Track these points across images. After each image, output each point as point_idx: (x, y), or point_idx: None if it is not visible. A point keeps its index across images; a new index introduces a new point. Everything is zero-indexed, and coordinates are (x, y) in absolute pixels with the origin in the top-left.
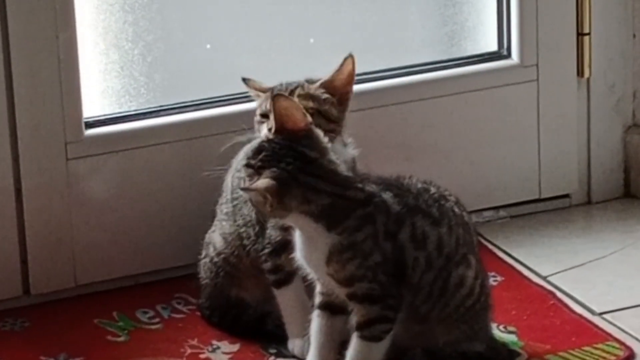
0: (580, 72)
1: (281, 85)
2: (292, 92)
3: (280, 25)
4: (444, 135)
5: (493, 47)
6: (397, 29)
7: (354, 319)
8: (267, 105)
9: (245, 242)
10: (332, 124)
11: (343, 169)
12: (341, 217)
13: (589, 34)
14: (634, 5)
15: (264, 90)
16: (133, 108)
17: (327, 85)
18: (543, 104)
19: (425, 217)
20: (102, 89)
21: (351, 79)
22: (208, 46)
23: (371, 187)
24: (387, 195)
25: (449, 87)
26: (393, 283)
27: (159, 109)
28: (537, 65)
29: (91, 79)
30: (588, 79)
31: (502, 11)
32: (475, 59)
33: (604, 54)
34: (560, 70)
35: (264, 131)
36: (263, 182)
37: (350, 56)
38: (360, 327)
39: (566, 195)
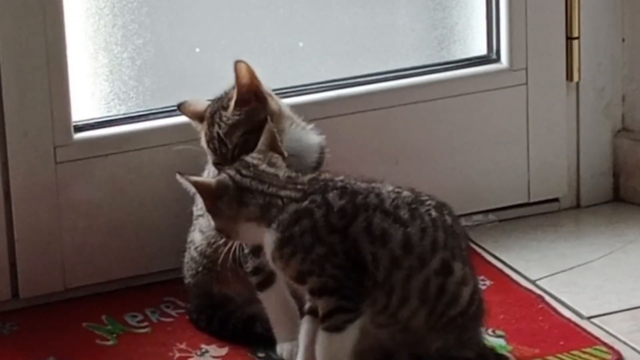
0: (569, 76)
1: (209, 107)
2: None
3: (269, 29)
4: (433, 139)
5: (482, 51)
6: (386, 32)
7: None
8: (212, 156)
9: None
10: (279, 117)
11: (283, 170)
12: (276, 213)
13: (578, 38)
14: (623, 9)
15: (199, 117)
16: (122, 112)
17: (239, 99)
18: (532, 108)
19: (386, 215)
20: (91, 93)
21: (251, 79)
22: (197, 50)
23: (311, 187)
24: (330, 194)
25: (438, 91)
26: (349, 276)
27: (148, 112)
28: (526, 69)
29: (80, 82)
30: (577, 83)
31: (491, 15)
32: (465, 62)
33: (593, 58)
34: (549, 74)
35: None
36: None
37: (237, 62)
38: (322, 319)
39: (555, 199)
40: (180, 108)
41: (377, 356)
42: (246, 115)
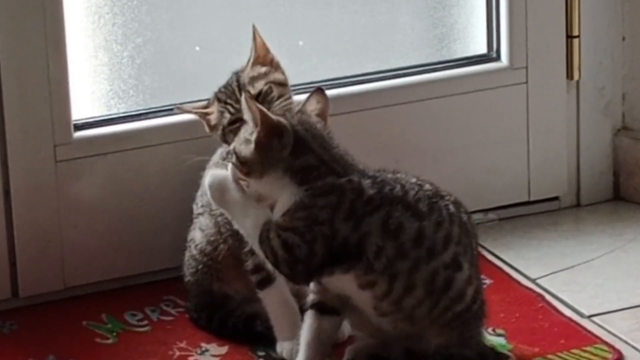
0: (569, 75)
1: (219, 90)
2: (241, 89)
3: (269, 27)
4: (434, 137)
5: (482, 49)
6: (386, 31)
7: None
8: (230, 110)
9: (222, 229)
10: (285, 87)
11: (336, 146)
12: (315, 177)
13: (578, 36)
14: (623, 8)
15: (201, 107)
16: (122, 110)
17: (256, 60)
18: (532, 107)
19: (406, 208)
20: (91, 92)
21: (266, 47)
22: (197, 48)
23: (352, 168)
24: (365, 180)
25: (439, 89)
26: (324, 258)
27: (148, 111)
28: (526, 67)
29: (80, 81)
30: (577, 82)
31: (491, 14)
32: (465, 61)
33: (594, 56)
34: (549, 72)
35: (243, 135)
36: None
37: (254, 27)
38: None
39: (555, 198)
40: (179, 108)
41: (373, 349)
42: (266, 71)
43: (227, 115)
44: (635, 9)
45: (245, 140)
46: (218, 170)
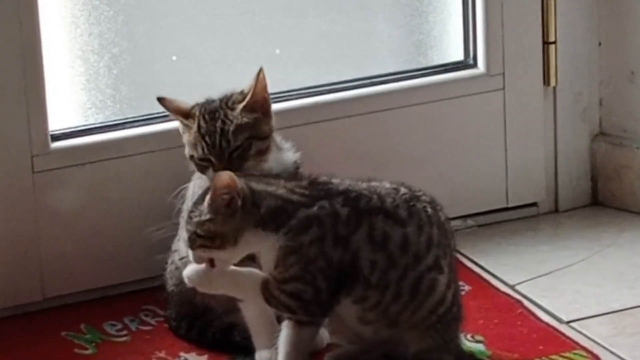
0: (546, 81)
1: (200, 105)
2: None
3: (246, 36)
4: (411, 144)
5: (459, 56)
6: (363, 39)
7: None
8: (204, 150)
9: None
10: (266, 140)
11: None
12: (286, 218)
13: (554, 42)
14: (600, 14)
15: (183, 112)
16: (99, 120)
17: (249, 105)
18: (509, 113)
19: (387, 217)
20: (68, 102)
21: (266, 90)
22: (174, 58)
23: (315, 191)
24: (335, 200)
25: (416, 96)
26: (330, 290)
27: (125, 121)
28: (503, 74)
29: (57, 91)
30: (554, 88)
31: (467, 21)
32: (442, 68)
33: (570, 62)
34: (526, 79)
35: (210, 175)
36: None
37: (261, 70)
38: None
39: (534, 204)
40: (163, 102)
41: (352, 355)
42: (254, 121)
43: (200, 152)
44: (611, 15)
45: (205, 221)
46: (189, 268)
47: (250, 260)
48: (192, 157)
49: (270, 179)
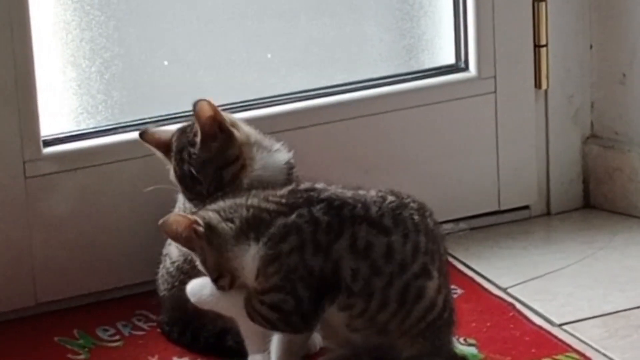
0: (537, 84)
1: (175, 138)
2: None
3: (237, 40)
4: (403, 148)
5: (450, 60)
6: (354, 43)
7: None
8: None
9: None
10: (237, 162)
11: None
12: (265, 227)
13: (546, 45)
14: (591, 17)
15: (164, 146)
16: (91, 126)
17: (204, 140)
18: (501, 116)
19: (371, 226)
20: (59, 107)
21: (213, 117)
22: (166, 63)
23: (293, 199)
24: (315, 207)
25: (407, 100)
26: (312, 298)
27: (117, 126)
28: (494, 77)
29: (48, 97)
30: (546, 91)
31: (459, 24)
32: (433, 71)
33: (562, 65)
34: (517, 82)
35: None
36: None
37: (197, 102)
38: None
39: (526, 207)
40: (144, 137)
41: (343, 359)
42: (216, 151)
43: (183, 190)
44: (602, 17)
45: (202, 260)
46: (193, 283)
47: None
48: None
49: (239, 192)
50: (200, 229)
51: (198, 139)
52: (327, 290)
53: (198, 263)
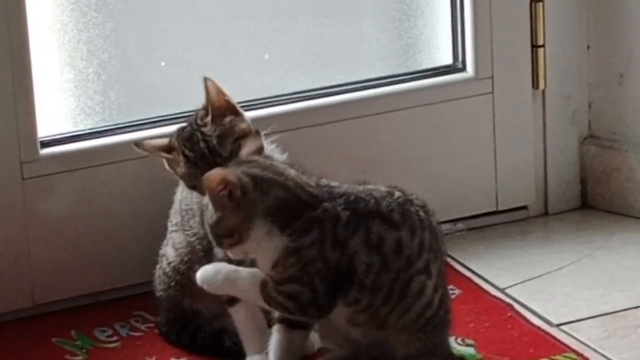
0: (535, 84)
1: (176, 136)
2: (212, 152)
3: (235, 41)
4: (401, 148)
5: (448, 60)
6: (352, 43)
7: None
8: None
9: (197, 248)
10: (251, 131)
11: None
12: (292, 218)
13: (543, 45)
14: (588, 17)
15: (164, 149)
16: (89, 127)
17: (215, 114)
18: (499, 117)
19: (383, 221)
20: (57, 108)
21: (222, 93)
22: (163, 63)
23: (320, 192)
24: (337, 202)
25: (405, 100)
26: (327, 292)
27: (114, 127)
28: (492, 77)
29: (46, 98)
30: (543, 91)
31: (456, 24)
32: (431, 72)
33: (559, 65)
34: (515, 82)
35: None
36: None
37: (205, 79)
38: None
39: (523, 207)
40: (140, 146)
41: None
42: (230, 124)
43: (200, 177)
44: (599, 17)
45: (217, 219)
46: (204, 269)
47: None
48: (194, 186)
49: (278, 168)
50: (238, 193)
51: (209, 118)
52: (341, 284)
53: (207, 217)
